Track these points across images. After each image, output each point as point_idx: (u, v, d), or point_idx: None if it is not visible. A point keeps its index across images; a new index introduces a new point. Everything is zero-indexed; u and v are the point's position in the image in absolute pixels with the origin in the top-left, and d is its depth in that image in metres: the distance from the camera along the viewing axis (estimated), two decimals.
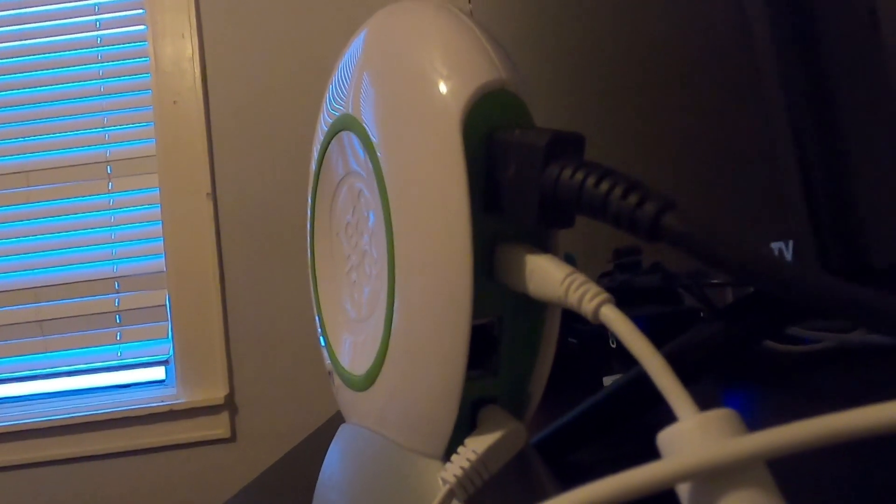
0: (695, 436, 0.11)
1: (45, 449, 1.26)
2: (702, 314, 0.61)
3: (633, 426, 0.25)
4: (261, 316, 1.32)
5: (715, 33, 0.22)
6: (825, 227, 0.15)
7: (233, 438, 1.29)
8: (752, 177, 0.18)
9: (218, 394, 1.28)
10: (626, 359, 0.59)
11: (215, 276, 1.31)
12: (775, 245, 0.17)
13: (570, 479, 0.19)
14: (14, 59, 1.39)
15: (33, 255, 1.33)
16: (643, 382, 0.25)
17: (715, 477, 0.11)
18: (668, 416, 0.12)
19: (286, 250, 1.34)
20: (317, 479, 0.27)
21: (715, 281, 0.33)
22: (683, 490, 0.11)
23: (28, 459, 1.26)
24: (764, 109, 0.18)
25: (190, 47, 1.37)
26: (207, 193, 1.34)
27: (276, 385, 1.31)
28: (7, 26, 1.40)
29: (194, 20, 1.38)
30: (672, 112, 0.26)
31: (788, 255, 0.16)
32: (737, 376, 0.39)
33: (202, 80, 1.37)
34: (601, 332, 0.62)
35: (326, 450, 0.22)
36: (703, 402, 0.12)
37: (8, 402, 1.31)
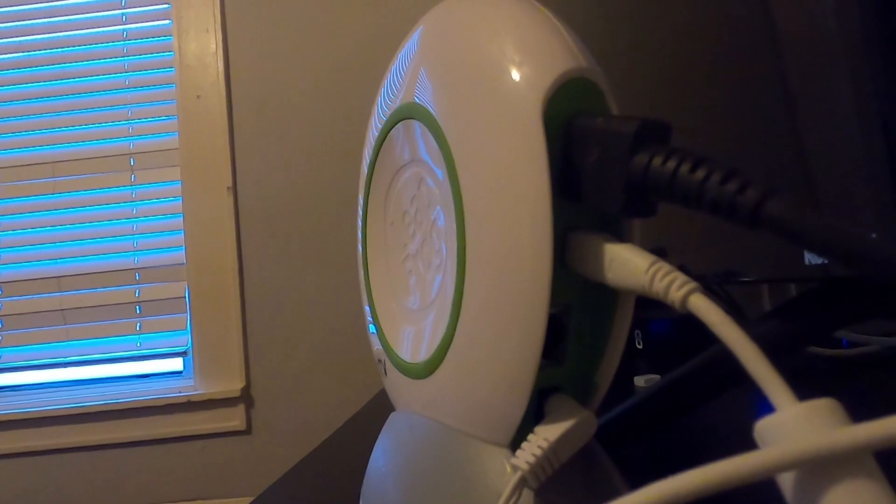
0: (799, 425, 0.11)
1: (65, 436, 1.28)
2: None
3: (663, 429, 0.25)
4: (278, 310, 1.33)
5: (788, 16, 0.21)
6: None
7: (248, 431, 1.30)
8: (830, 170, 0.18)
9: (234, 386, 1.29)
10: (652, 359, 0.58)
11: (234, 270, 1.32)
12: None
13: (627, 473, 0.19)
14: (41, 52, 1.41)
15: (57, 245, 1.35)
16: (694, 377, 0.25)
17: (822, 467, 0.10)
18: (697, 418, 0.12)
19: (305, 245, 1.35)
20: (352, 469, 0.27)
21: (745, 279, 0.33)
22: (787, 480, 0.11)
23: (47, 446, 1.28)
24: (846, 101, 0.18)
25: (214, 43, 1.39)
26: (228, 187, 1.35)
27: (292, 379, 1.31)
28: (36, 19, 1.42)
29: (219, 16, 1.40)
30: (740, 103, 0.26)
31: None
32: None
33: (225, 75, 1.38)
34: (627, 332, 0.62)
35: (358, 442, 0.22)
36: (752, 403, 0.12)
37: (29, 389, 1.33)
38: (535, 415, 0.17)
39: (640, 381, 0.44)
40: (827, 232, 0.11)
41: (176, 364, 1.34)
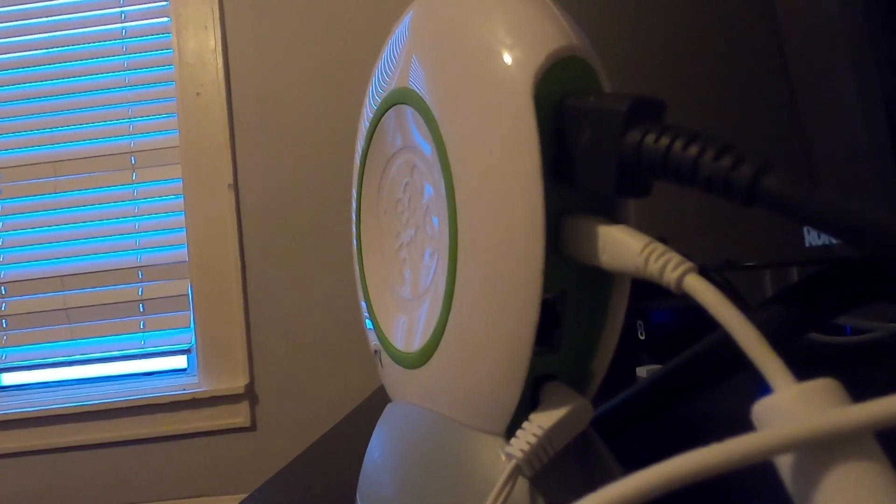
0: (798, 406, 0.11)
1: (69, 435, 1.28)
2: None
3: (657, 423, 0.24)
4: (281, 307, 1.33)
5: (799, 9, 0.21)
6: None
7: (252, 427, 1.30)
8: (833, 155, 0.18)
9: (238, 383, 1.29)
10: (654, 350, 0.58)
11: (237, 267, 1.32)
12: None
13: (624, 461, 0.18)
14: (41, 51, 1.41)
15: (59, 244, 1.35)
16: (692, 366, 0.25)
17: (822, 448, 0.10)
18: (696, 409, 0.11)
19: (307, 241, 1.34)
20: (350, 461, 0.27)
21: (745, 264, 0.32)
22: (785, 462, 0.11)
23: (51, 445, 1.28)
24: (849, 84, 0.17)
25: (213, 39, 1.38)
26: (229, 184, 1.35)
27: (296, 375, 1.32)
28: (34, 18, 1.42)
29: (217, 12, 1.39)
30: (741, 87, 0.25)
31: None
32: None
33: (225, 72, 1.38)
34: (629, 323, 0.62)
35: (357, 435, 0.22)
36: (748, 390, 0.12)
37: (33, 388, 1.33)
38: (530, 403, 0.17)
39: (642, 371, 0.44)
40: (826, 206, 0.10)
41: (180, 362, 1.34)
